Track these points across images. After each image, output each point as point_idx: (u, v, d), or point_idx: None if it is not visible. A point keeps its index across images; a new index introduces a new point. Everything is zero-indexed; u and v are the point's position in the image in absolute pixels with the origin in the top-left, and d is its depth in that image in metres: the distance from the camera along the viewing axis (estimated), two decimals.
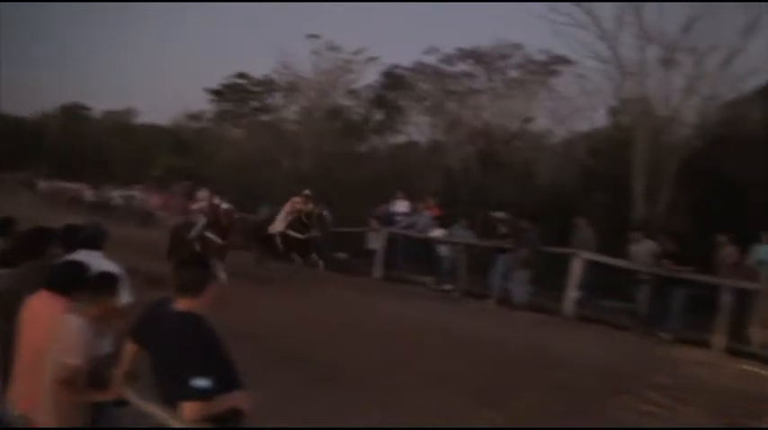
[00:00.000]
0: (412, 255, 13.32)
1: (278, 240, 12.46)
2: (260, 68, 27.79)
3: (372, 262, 13.60)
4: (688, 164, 15.42)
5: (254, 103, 29.04)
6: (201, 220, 11.86)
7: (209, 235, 11.37)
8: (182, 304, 3.01)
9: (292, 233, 12.30)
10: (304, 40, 24.73)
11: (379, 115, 24.92)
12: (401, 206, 14.68)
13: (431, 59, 22.48)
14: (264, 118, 28.58)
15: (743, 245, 10.49)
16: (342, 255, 15.15)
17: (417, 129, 24.09)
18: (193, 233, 11.67)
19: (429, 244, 13.32)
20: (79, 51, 67.94)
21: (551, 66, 20.81)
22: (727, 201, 13.44)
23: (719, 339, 9.01)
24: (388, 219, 14.28)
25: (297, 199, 12.61)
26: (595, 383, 6.48)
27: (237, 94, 29.39)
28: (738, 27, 15.21)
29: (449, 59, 22.20)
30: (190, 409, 2.77)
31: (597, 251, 11.15)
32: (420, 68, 23.02)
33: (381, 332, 7.89)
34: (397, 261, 13.43)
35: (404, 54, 24.04)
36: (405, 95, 23.86)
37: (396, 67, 24.28)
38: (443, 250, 13.12)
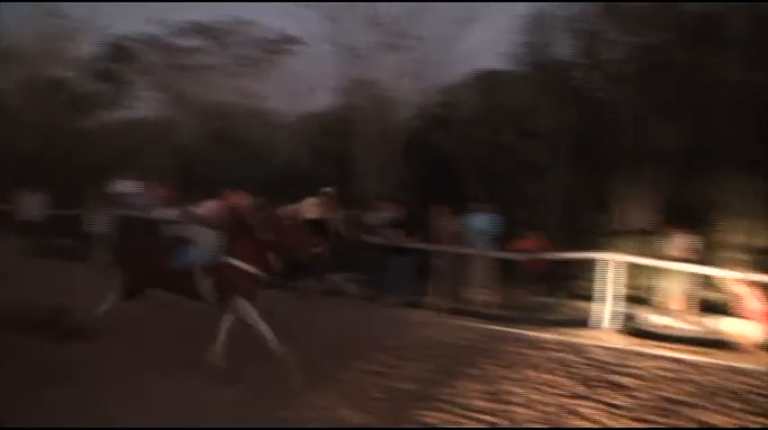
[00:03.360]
0: (143, 238, 12.64)
1: None
2: None
3: (98, 246, 12.66)
4: (411, 142, 16.53)
5: None
6: (201, 234, 6.61)
7: (235, 262, 6.28)
8: None
9: None
10: (20, 5, 22.21)
11: (104, 88, 23.17)
12: (130, 186, 13.90)
13: (160, 31, 21.48)
14: None
15: (459, 215, 11.46)
16: (65, 241, 13.97)
17: (147, 104, 22.78)
18: (190, 257, 6.40)
19: (161, 225, 12.78)
20: None
21: (284, 45, 20.94)
22: (446, 176, 14.62)
23: (440, 300, 9.81)
24: (117, 201, 13.42)
25: (313, 199, 9.10)
26: (328, 352, 6.65)
27: None
28: (456, 18, 16.74)
29: (179, 33, 21.34)
30: None
31: None
32: (149, 41, 21.80)
33: (106, 316, 7.39)
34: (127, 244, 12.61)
35: (131, 24, 22.42)
36: (133, 68, 22.47)
37: (123, 37, 22.69)
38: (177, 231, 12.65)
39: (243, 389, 5.48)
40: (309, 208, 9.05)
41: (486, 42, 16.40)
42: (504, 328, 8.32)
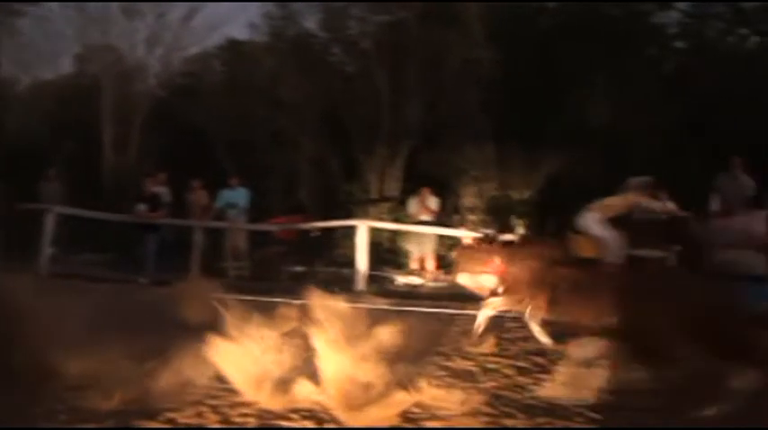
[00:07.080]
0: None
1: None
2: None
3: None
4: (154, 112, 15.88)
5: None
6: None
7: None
8: None
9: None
10: None
11: None
12: None
13: None
14: None
15: (211, 188, 11.31)
16: None
17: None
18: None
19: None
20: None
21: (11, 4, 18.88)
22: (195, 148, 14.28)
23: (195, 275, 9.62)
24: None
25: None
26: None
27: None
28: None
29: None
30: None
31: (69, 203, 10.86)
32: None
33: None
34: None
35: None
36: None
37: None
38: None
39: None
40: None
41: (233, 11, 16.19)
42: (259, 298, 8.33)
